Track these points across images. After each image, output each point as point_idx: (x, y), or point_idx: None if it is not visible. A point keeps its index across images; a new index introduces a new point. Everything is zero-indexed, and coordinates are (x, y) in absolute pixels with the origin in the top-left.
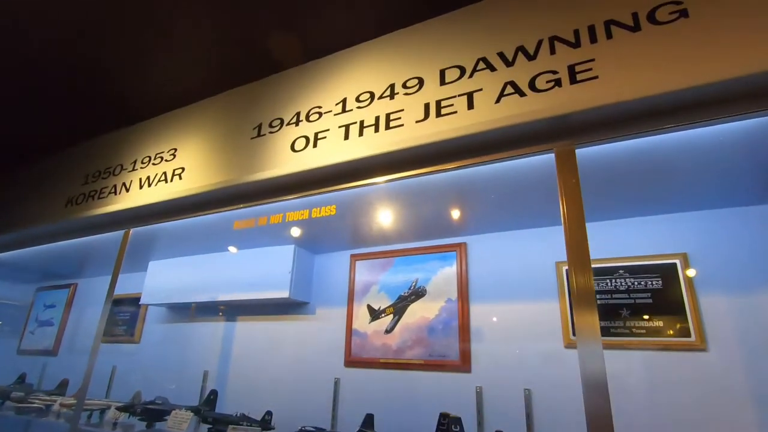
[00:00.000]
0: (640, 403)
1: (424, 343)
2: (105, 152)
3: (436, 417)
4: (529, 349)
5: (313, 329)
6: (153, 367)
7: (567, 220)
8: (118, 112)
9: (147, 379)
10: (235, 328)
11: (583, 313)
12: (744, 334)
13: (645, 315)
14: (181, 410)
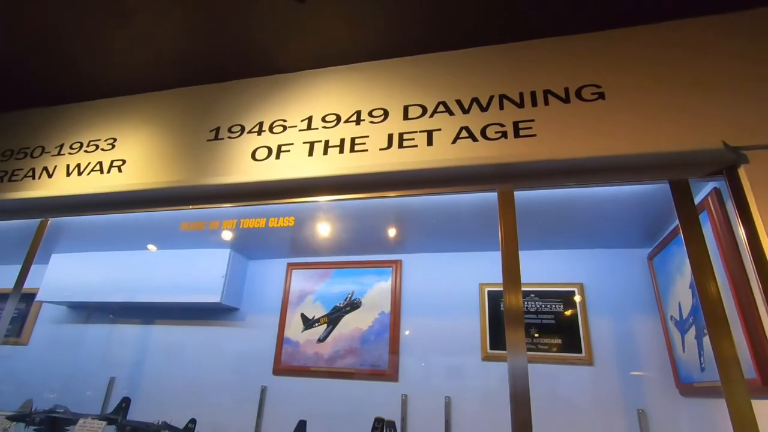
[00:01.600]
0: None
1: (357, 352)
2: (20, 130)
3: (365, 424)
4: (451, 360)
5: (241, 336)
6: (46, 372)
7: (504, 248)
8: (41, 88)
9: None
10: (150, 332)
11: (513, 328)
12: (620, 352)
13: (548, 333)
14: (89, 419)
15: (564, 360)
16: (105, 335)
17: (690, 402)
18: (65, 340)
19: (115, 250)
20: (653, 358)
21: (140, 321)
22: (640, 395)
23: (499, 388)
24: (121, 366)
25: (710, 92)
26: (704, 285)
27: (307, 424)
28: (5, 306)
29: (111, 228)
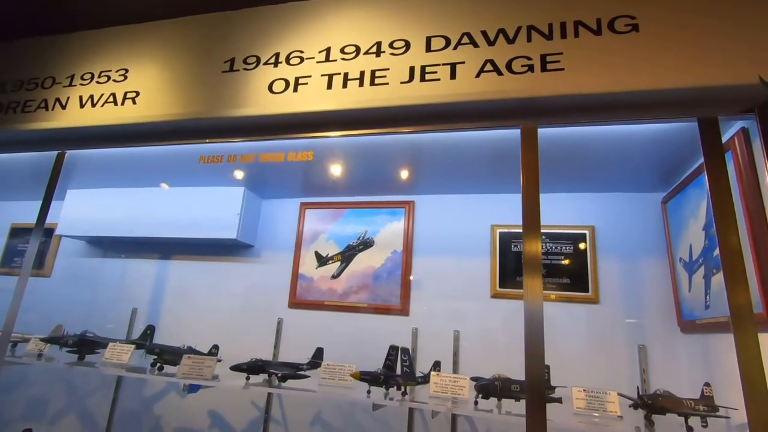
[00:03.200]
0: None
1: (369, 289)
2: (28, 60)
3: (378, 352)
4: (461, 297)
5: (257, 272)
6: (69, 302)
7: (525, 188)
8: (49, 13)
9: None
10: (168, 266)
11: (531, 275)
12: (625, 292)
13: (558, 273)
14: (118, 343)
15: (571, 299)
16: (124, 269)
17: (689, 338)
18: (86, 273)
19: (131, 187)
20: (657, 297)
21: (158, 256)
22: (642, 332)
23: (506, 323)
24: (141, 298)
25: (747, 27)
26: (724, 224)
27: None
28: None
29: (126, 164)
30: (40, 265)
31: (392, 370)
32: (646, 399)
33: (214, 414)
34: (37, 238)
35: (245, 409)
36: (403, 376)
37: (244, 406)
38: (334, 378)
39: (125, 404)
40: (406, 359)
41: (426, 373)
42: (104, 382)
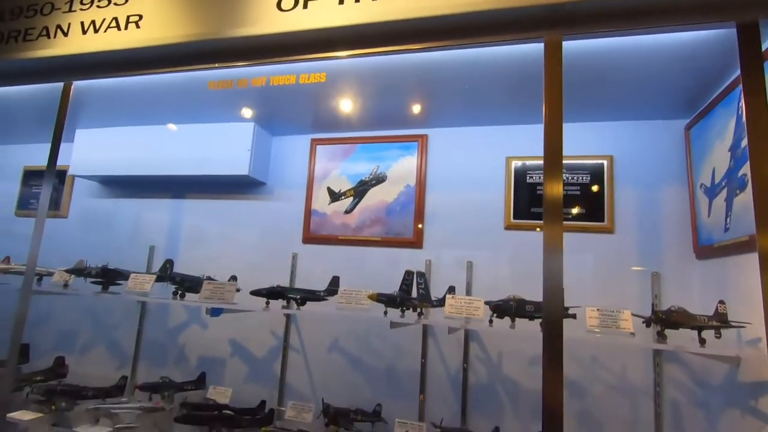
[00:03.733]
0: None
1: (383, 222)
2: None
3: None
4: (474, 230)
5: (270, 209)
6: (88, 242)
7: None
8: None
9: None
10: (182, 205)
11: (552, 222)
12: (641, 221)
13: (573, 204)
14: (140, 274)
15: (586, 229)
16: (139, 209)
17: (703, 264)
18: (102, 214)
19: (140, 125)
20: (673, 225)
21: (171, 195)
22: (656, 260)
23: (519, 254)
24: (158, 237)
25: None
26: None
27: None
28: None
29: (134, 99)
30: (56, 207)
31: (408, 295)
32: (660, 314)
33: (234, 343)
34: (51, 177)
35: (265, 338)
36: (419, 298)
37: (264, 335)
38: (351, 303)
39: (150, 335)
40: (421, 282)
41: (441, 297)
42: (128, 314)
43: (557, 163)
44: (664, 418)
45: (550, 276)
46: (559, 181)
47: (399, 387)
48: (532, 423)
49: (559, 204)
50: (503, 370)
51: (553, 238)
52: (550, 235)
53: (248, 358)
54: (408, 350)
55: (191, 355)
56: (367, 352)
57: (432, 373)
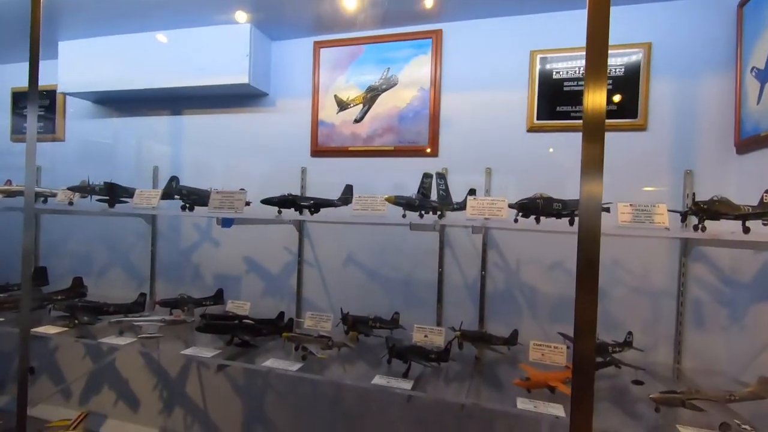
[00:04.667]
0: None
1: (395, 130)
2: None
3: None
4: (494, 133)
5: (274, 121)
6: (89, 165)
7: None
8: None
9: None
10: (182, 122)
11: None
12: (677, 115)
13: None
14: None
15: (616, 127)
16: (138, 128)
17: (745, 159)
18: (100, 134)
19: (126, 33)
20: (712, 119)
21: (170, 112)
22: (691, 157)
23: (543, 158)
24: (160, 156)
25: None
26: None
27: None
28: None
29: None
30: (52, 129)
31: (427, 198)
32: (701, 204)
33: (249, 260)
34: (34, 96)
35: (279, 254)
36: (439, 200)
37: (278, 251)
38: (367, 209)
39: (164, 256)
40: (441, 183)
41: (461, 201)
42: (140, 236)
43: (601, 66)
44: (685, 317)
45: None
46: (602, 88)
47: (416, 296)
48: (550, 325)
49: (601, 118)
50: (521, 276)
51: (593, 158)
52: (589, 156)
53: (264, 274)
54: (424, 261)
55: (207, 273)
56: (383, 265)
57: (449, 282)
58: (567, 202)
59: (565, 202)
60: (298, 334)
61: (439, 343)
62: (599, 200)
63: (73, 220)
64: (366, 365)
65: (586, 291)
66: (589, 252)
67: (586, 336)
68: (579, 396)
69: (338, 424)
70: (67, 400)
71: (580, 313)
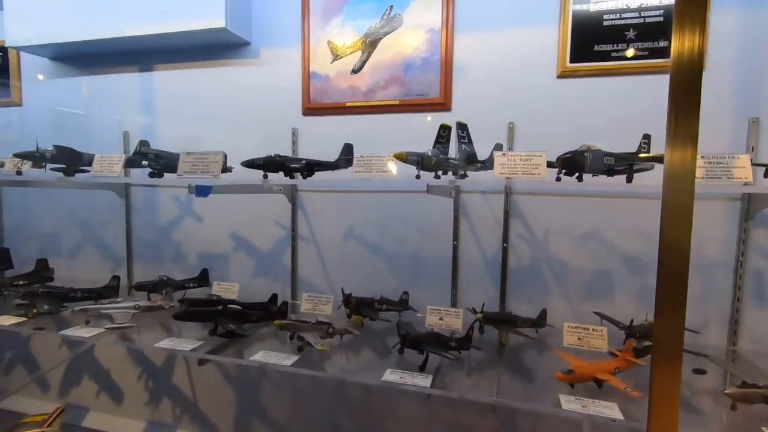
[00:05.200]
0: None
1: (401, 81)
2: None
3: None
4: (517, 82)
5: (259, 75)
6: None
7: None
8: None
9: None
10: (153, 80)
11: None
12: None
13: (652, 36)
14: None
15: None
16: (102, 88)
17: None
18: (60, 97)
19: None
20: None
21: (138, 68)
22: (757, 102)
23: (577, 109)
24: (130, 121)
25: None
26: None
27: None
28: None
29: None
30: (7, 93)
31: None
32: None
33: (236, 237)
34: None
35: (270, 230)
36: (462, 156)
37: (268, 226)
38: (371, 170)
39: (140, 234)
40: (464, 136)
41: (486, 158)
42: (113, 212)
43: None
44: (744, 292)
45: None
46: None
47: (427, 274)
48: (582, 304)
49: (699, 69)
50: (550, 248)
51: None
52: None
53: (253, 251)
54: (436, 234)
55: (190, 252)
56: (388, 239)
57: (466, 256)
58: (621, 156)
59: (618, 155)
60: (293, 321)
61: (456, 326)
62: (692, 159)
63: (38, 194)
64: (373, 355)
65: (674, 262)
66: (678, 219)
67: (672, 318)
68: (660, 399)
69: (342, 415)
70: (45, 392)
71: (664, 290)
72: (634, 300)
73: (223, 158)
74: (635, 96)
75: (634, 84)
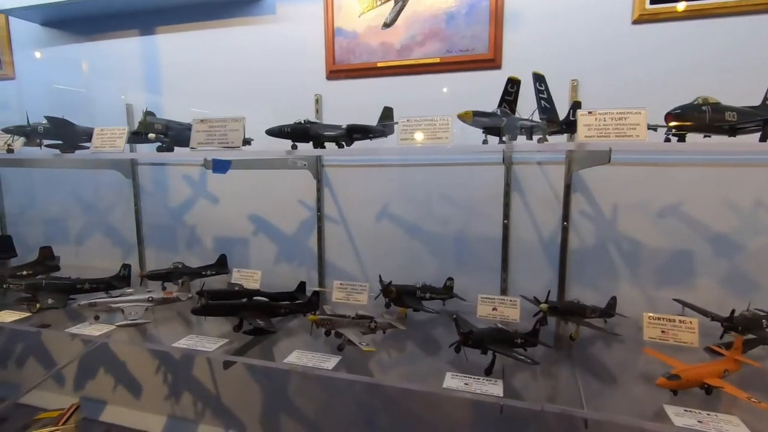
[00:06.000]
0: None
1: (441, 36)
2: None
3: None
4: (582, 30)
5: (276, 34)
6: (48, 109)
7: None
8: None
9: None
10: (156, 44)
11: None
12: None
13: None
14: (107, 128)
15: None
16: (101, 56)
17: None
18: (56, 68)
19: None
20: None
21: (139, 32)
22: None
23: (656, 61)
24: (133, 91)
25: None
26: None
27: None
28: None
29: None
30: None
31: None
32: None
33: (256, 218)
34: None
35: (293, 209)
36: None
37: (291, 205)
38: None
39: (151, 217)
40: (543, 89)
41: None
42: (121, 195)
43: None
44: None
45: None
46: None
47: (472, 258)
48: (656, 290)
49: None
50: (619, 226)
51: None
52: None
53: (275, 235)
54: (483, 212)
55: (205, 236)
56: (427, 218)
57: (518, 237)
58: (746, 111)
59: (738, 110)
60: (331, 316)
61: (513, 317)
62: None
63: (39, 177)
64: (422, 354)
65: None
66: None
67: None
68: None
69: (378, 416)
70: (60, 386)
71: None
72: (720, 285)
73: (242, 123)
74: (740, 42)
75: (736, 26)
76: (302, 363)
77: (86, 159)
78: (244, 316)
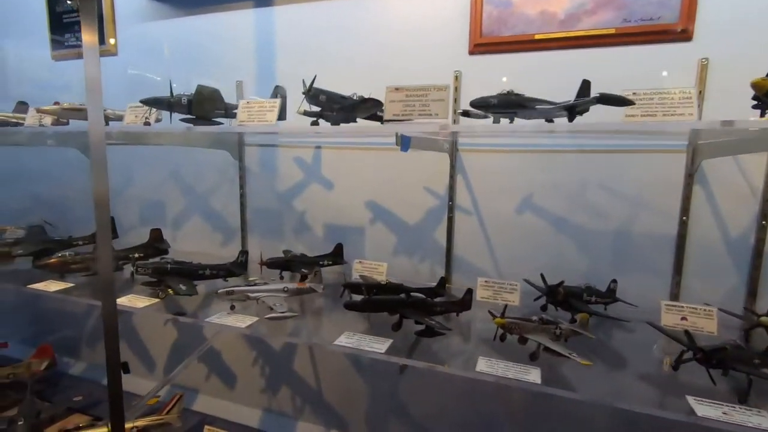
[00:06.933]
0: None
1: (617, 2)
2: None
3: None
4: None
5: (409, 3)
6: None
7: None
8: None
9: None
10: (271, 16)
11: None
12: None
13: None
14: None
15: None
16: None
17: None
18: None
19: None
20: None
21: (253, 3)
22: None
23: None
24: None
25: None
26: None
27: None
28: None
29: None
30: (101, 40)
31: None
32: None
33: (375, 206)
34: None
35: (418, 197)
36: None
37: (416, 193)
38: (656, 114)
39: (256, 201)
40: None
41: None
42: (225, 174)
43: None
44: None
45: None
46: None
47: (635, 257)
48: None
49: None
50: None
51: None
52: None
53: (396, 224)
54: (653, 205)
55: (315, 223)
56: (579, 211)
57: (697, 237)
58: None
59: None
60: (517, 320)
61: (709, 329)
62: None
63: (135, 154)
64: (634, 370)
65: None
66: None
67: None
68: None
69: (504, 423)
70: (150, 371)
71: None
72: None
73: (450, 94)
74: None
75: None
76: (502, 374)
77: (208, 135)
78: (409, 315)
